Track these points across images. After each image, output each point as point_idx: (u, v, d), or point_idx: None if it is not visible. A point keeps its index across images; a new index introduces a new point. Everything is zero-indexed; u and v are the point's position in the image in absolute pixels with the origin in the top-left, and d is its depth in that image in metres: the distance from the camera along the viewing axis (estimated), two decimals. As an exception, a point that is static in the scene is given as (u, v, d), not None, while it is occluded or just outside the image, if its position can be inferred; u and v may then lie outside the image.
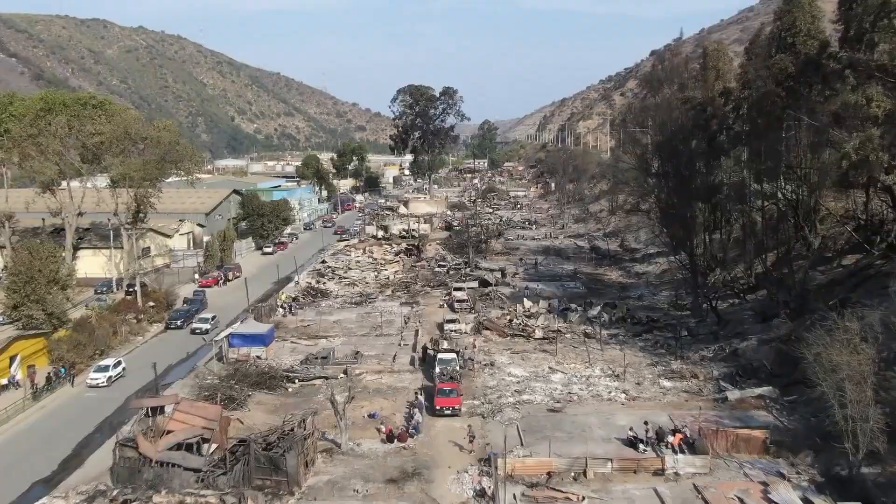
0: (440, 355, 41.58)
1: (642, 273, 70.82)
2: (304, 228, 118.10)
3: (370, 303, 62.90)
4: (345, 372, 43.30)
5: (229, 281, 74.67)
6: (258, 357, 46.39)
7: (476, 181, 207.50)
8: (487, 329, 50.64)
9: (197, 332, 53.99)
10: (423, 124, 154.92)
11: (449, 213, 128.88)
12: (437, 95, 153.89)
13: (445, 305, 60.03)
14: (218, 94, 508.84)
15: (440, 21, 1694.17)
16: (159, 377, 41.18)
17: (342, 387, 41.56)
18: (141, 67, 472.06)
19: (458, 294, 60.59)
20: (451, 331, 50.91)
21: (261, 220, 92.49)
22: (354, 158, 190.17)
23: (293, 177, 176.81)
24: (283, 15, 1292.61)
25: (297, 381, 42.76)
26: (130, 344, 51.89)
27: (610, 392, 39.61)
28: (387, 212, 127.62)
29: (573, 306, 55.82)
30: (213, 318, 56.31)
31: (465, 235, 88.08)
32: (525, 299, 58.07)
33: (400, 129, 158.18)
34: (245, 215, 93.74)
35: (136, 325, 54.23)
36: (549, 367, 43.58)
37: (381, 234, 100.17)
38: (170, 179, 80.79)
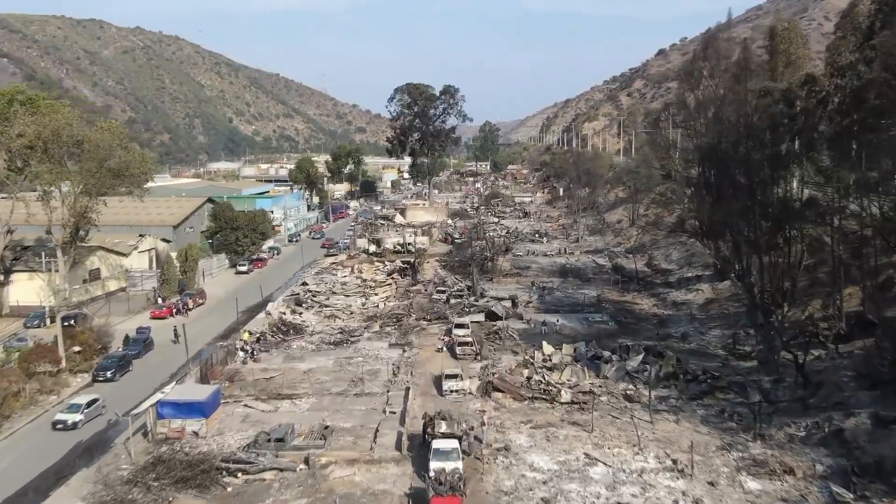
0: (436, 444, 29.92)
1: (681, 303, 58.92)
2: (289, 240, 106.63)
3: (352, 343, 51.30)
4: (306, 461, 31.72)
5: (190, 310, 63.21)
6: (195, 433, 34.87)
7: (478, 185, 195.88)
8: (499, 390, 38.97)
9: (60, 426, 37.39)
10: (423, 125, 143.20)
11: (450, 221, 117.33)
12: (437, 95, 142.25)
13: (444, 349, 48.40)
14: (216, 95, 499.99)
15: (440, 21, 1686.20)
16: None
17: (301, 486, 30.12)
18: (137, 68, 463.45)
19: (460, 334, 49.04)
20: (452, 391, 39.34)
21: (234, 234, 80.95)
22: (350, 161, 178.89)
23: (286, 181, 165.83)
24: (282, 15, 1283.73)
25: (239, 474, 31.21)
26: (39, 407, 40.22)
27: (676, 502, 27.96)
28: (381, 221, 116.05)
29: (606, 354, 44.05)
30: (93, 402, 39.17)
31: (469, 251, 76.43)
32: (544, 343, 46.39)
33: (397, 130, 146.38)
34: (217, 228, 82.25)
35: (51, 380, 42.61)
36: (586, 455, 31.91)
37: (372, 248, 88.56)
38: (153, 184, 69.66)
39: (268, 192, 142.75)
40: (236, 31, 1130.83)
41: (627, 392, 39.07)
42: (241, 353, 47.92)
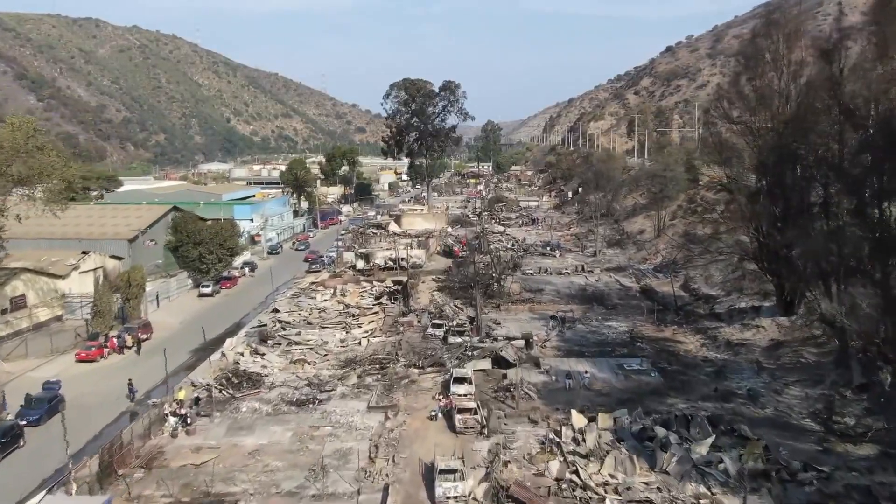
0: None
1: (738, 343, 46.85)
2: (269, 252, 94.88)
3: (321, 402, 39.60)
4: None
5: (130, 348, 51.54)
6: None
7: (480, 188, 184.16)
8: (515, 500, 27.26)
9: None
10: (421, 124, 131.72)
11: (450, 230, 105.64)
12: (437, 91, 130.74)
13: (439, 415, 36.69)
14: (213, 94, 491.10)
15: (441, 22, 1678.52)
16: None
17: None
18: (134, 67, 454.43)
19: (461, 393, 37.43)
20: (448, 497, 27.67)
21: (197, 249, 69.25)
22: (345, 163, 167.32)
23: (279, 183, 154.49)
24: (281, 15, 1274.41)
25: None
26: None
27: None
28: (373, 231, 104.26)
29: (660, 432, 32.18)
30: None
31: (472, 269, 64.67)
32: (573, 412, 34.65)
33: (393, 129, 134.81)
34: (177, 243, 70.60)
35: None
36: None
37: (360, 264, 77.00)
38: (128, 187, 58.52)
39: (252, 196, 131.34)
40: (234, 31, 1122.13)
41: (699, 500, 27.34)
42: (171, 421, 36.30)
